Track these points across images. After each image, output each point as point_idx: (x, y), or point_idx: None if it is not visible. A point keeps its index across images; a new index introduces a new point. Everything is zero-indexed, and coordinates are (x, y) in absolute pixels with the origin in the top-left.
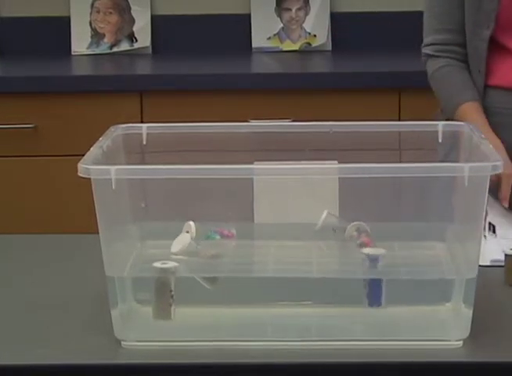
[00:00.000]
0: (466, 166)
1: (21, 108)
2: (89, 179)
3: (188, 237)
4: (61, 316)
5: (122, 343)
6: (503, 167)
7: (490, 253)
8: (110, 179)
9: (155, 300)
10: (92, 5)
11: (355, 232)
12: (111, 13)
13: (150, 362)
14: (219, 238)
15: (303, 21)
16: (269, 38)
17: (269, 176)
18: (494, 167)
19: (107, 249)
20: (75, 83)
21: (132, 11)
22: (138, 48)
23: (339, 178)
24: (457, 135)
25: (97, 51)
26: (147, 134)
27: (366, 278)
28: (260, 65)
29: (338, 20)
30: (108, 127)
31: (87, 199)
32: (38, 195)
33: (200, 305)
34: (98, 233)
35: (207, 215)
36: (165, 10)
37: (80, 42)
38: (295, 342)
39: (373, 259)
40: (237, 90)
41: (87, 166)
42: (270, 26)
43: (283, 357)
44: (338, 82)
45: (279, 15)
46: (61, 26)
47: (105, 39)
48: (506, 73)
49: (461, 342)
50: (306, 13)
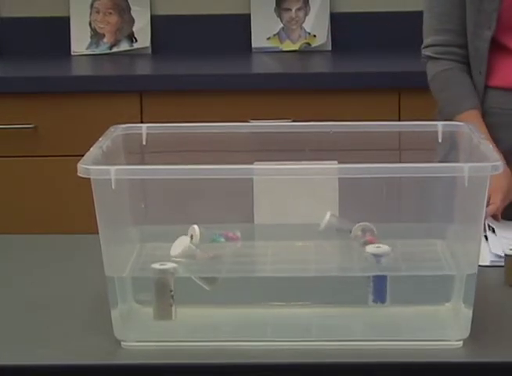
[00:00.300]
0: (465, 166)
1: (21, 108)
2: (89, 179)
3: (187, 240)
4: (61, 316)
5: (122, 343)
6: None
7: (492, 247)
8: (110, 179)
9: (155, 301)
10: (92, 6)
11: (360, 232)
12: (111, 13)
13: (150, 362)
14: (224, 241)
15: (303, 21)
16: (269, 38)
17: (269, 176)
18: (494, 167)
19: (107, 250)
20: (75, 83)
21: (132, 11)
22: (137, 48)
23: (339, 178)
24: (457, 135)
25: (97, 51)
26: (147, 134)
27: (370, 275)
28: (260, 65)
29: (338, 20)
30: (108, 127)
31: (87, 199)
32: (38, 195)
33: (200, 306)
34: (98, 234)
35: (207, 215)
36: (165, 10)
37: (79, 42)
38: (295, 342)
39: (377, 256)
40: (237, 90)
41: (87, 166)
42: (270, 26)
43: (283, 357)
44: (338, 82)
45: (279, 15)
46: (61, 26)
47: (104, 39)
48: (507, 73)
49: (461, 342)
50: (306, 13)
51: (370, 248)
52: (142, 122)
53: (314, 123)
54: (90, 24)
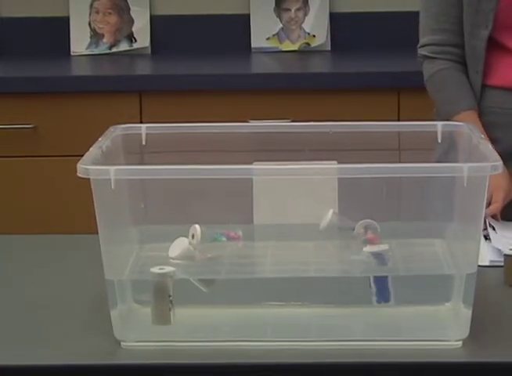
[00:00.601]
0: (465, 166)
1: (21, 108)
2: (89, 180)
3: (185, 241)
4: (61, 316)
5: (122, 344)
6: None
7: (494, 242)
8: (110, 180)
9: (154, 305)
10: (91, 6)
11: (362, 229)
12: (110, 14)
13: (150, 362)
14: (226, 240)
15: (302, 21)
16: (268, 39)
17: (269, 176)
18: (493, 167)
19: (107, 250)
20: (74, 83)
21: (131, 11)
22: (137, 48)
23: (338, 178)
24: (456, 135)
25: (96, 51)
26: (146, 134)
27: (369, 275)
28: (259, 65)
29: (337, 20)
30: (107, 127)
31: (87, 199)
32: (38, 195)
33: (200, 306)
34: (97, 234)
35: (207, 215)
36: (164, 10)
37: (79, 43)
38: (295, 342)
39: (376, 256)
40: (237, 90)
41: (86, 166)
42: (269, 26)
43: (283, 357)
44: (337, 82)
45: (279, 15)
46: (60, 26)
47: (104, 39)
48: (504, 72)
49: (461, 342)
50: (305, 13)
51: (369, 248)
52: (142, 122)
53: (313, 123)
54: (89, 24)
